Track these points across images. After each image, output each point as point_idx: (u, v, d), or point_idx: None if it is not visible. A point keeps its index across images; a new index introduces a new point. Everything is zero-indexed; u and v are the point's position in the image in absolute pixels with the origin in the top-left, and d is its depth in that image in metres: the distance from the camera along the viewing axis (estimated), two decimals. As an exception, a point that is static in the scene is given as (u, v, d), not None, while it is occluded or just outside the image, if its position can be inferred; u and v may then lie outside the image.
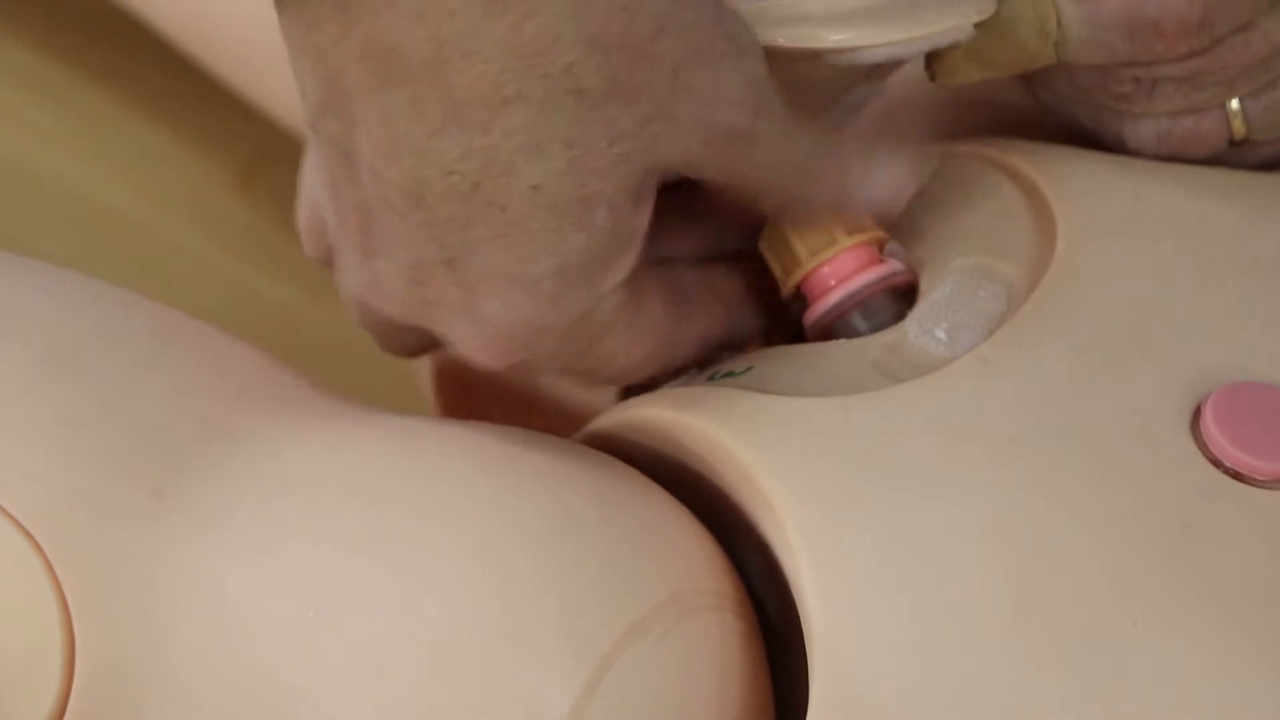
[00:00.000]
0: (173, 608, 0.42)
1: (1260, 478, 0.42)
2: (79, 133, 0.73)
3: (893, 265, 0.47)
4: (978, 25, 0.46)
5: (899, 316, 0.46)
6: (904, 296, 0.47)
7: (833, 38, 0.45)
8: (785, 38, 0.44)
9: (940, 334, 0.46)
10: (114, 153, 0.72)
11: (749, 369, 0.46)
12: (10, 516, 0.42)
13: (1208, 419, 0.42)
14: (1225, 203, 0.48)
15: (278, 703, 0.41)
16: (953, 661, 0.40)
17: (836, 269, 0.47)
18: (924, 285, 0.47)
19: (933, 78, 0.48)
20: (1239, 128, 0.48)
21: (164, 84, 0.73)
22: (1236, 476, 0.42)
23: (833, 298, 0.47)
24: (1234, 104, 0.48)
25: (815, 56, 0.45)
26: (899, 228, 0.49)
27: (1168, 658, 0.40)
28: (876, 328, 0.46)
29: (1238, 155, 0.50)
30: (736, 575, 0.44)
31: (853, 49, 0.45)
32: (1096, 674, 0.39)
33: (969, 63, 0.47)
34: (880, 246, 0.47)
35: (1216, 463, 0.42)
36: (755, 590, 0.44)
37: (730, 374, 0.46)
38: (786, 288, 0.48)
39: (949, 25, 0.46)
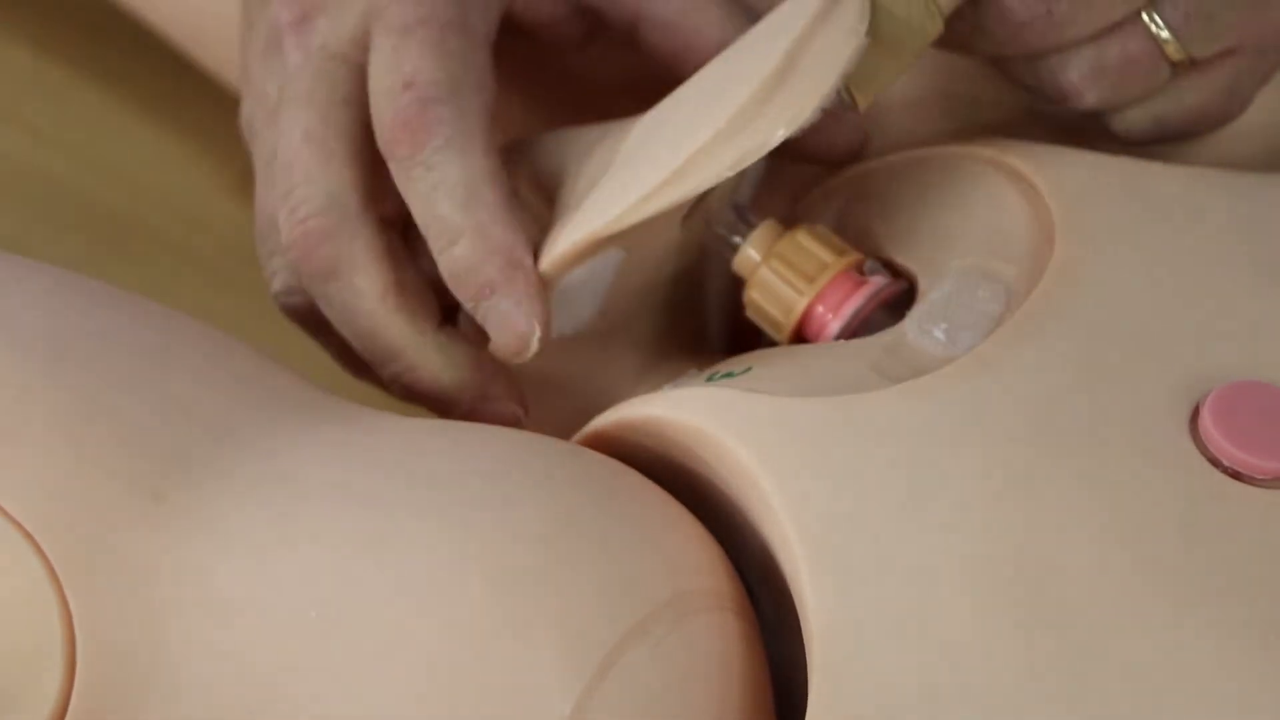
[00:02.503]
0: (173, 608, 0.42)
1: (1259, 477, 0.42)
2: (79, 133, 0.73)
3: (876, 282, 0.48)
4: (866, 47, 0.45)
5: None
6: (898, 307, 0.47)
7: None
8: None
9: (939, 334, 0.46)
10: (114, 153, 0.72)
11: (748, 369, 0.46)
12: (10, 517, 0.42)
13: (1206, 418, 0.42)
14: (1224, 202, 0.48)
15: (278, 702, 0.41)
16: (951, 661, 0.40)
17: (827, 301, 0.48)
18: (922, 285, 0.48)
19: (855, 105, 0.47)
20: (1170, 46, 0.47)
21: (164, 84, 0.73)
22: (1235, 476, 0.42)
23: (831, 329, 0.47)
24: (1151, 18, 0.46)
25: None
26: (898, 228, 0.49)
27: (1167, 657, 0.40)
28: None
29: (1215, 107, 0.49)
30: (736, 576, 0.44)
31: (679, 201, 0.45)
32: (1095, 673, 0.40)
33: (875, 76, 0.46)
34: (859, 267, 0.48)
35: (1215, 462, 0.42)
36: (754, 590, 0.44)
37: (729, 374, 0.46)
38: (786, 337, 0.49)
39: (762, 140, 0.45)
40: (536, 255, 0.47)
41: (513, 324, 0.47)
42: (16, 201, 0.71)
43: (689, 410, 0.44)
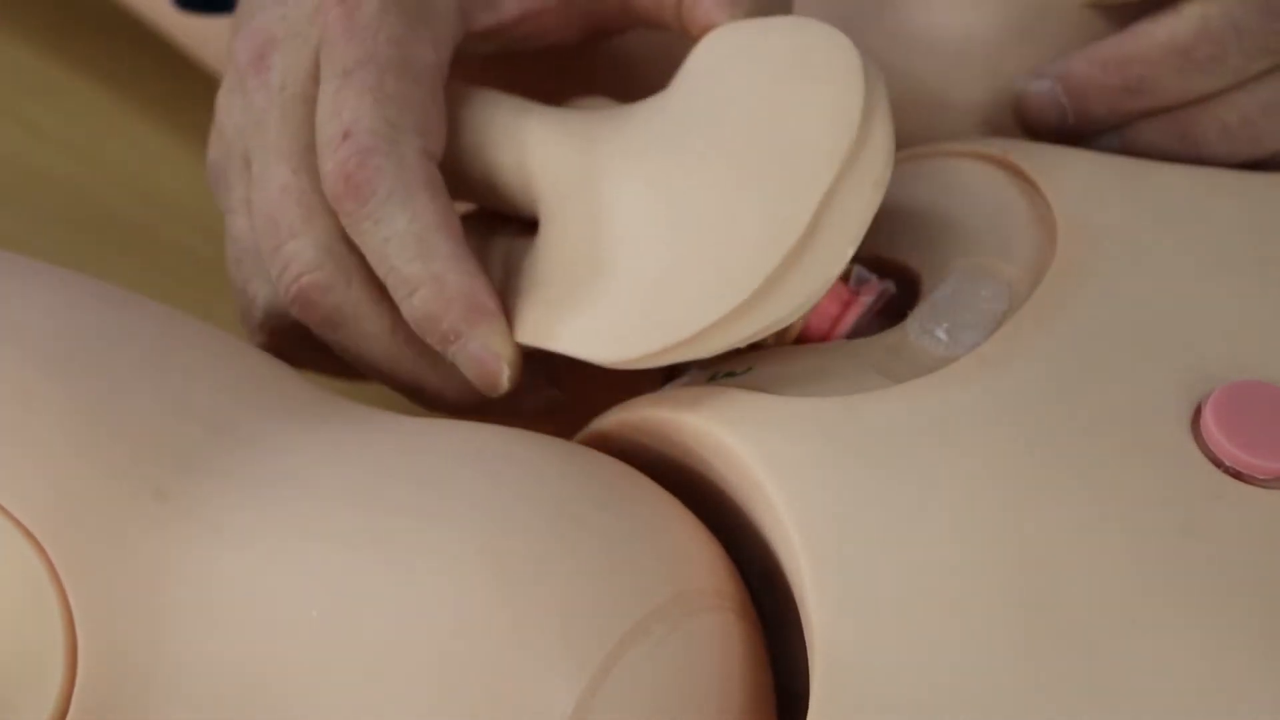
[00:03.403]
0: (175, 608, 0.42)
1: (1261, 477, 0.42)
2: (80, 133, 0.73)
3: (864, 301, 0.47)
4: None
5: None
6: (893, 306, 0.47)
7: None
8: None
9: (941, 334, 0.46)
10: (115, 153, 0.72)
11: (750, 369, 0.46)
12: (12, 517, 0.42)
13: (1208, 418, 0.42)
14: (1225, 202, 0.48)
15: (280, 702, 0.41)
16: (953, 661, 0.40)
17: (817, 321, 0.47)
18: (925, 285, 0.48)
19: None
20: None
21: (164, 84, 0.73)
22: (1237, 476, 0.42)
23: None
24: None
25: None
26: (901, 227, 0.49)
27: (1168, 657, 0.40)
28: None
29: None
30: (738, 575, 0.44)
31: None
32: (1096, 673, 0.40)
33: None
34: (846, 279, 0.48)
35: (1217, 462, 0.42)
36: (757, 591, 0.44)
37: (731, 374, 0.46)
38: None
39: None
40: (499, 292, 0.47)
41: (481, 364, 0.47)
42: (16, 201, 0.70)
43: (691, 409, 0.44)
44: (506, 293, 0.48)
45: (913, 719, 0.39)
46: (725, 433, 0.43)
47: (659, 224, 0.46)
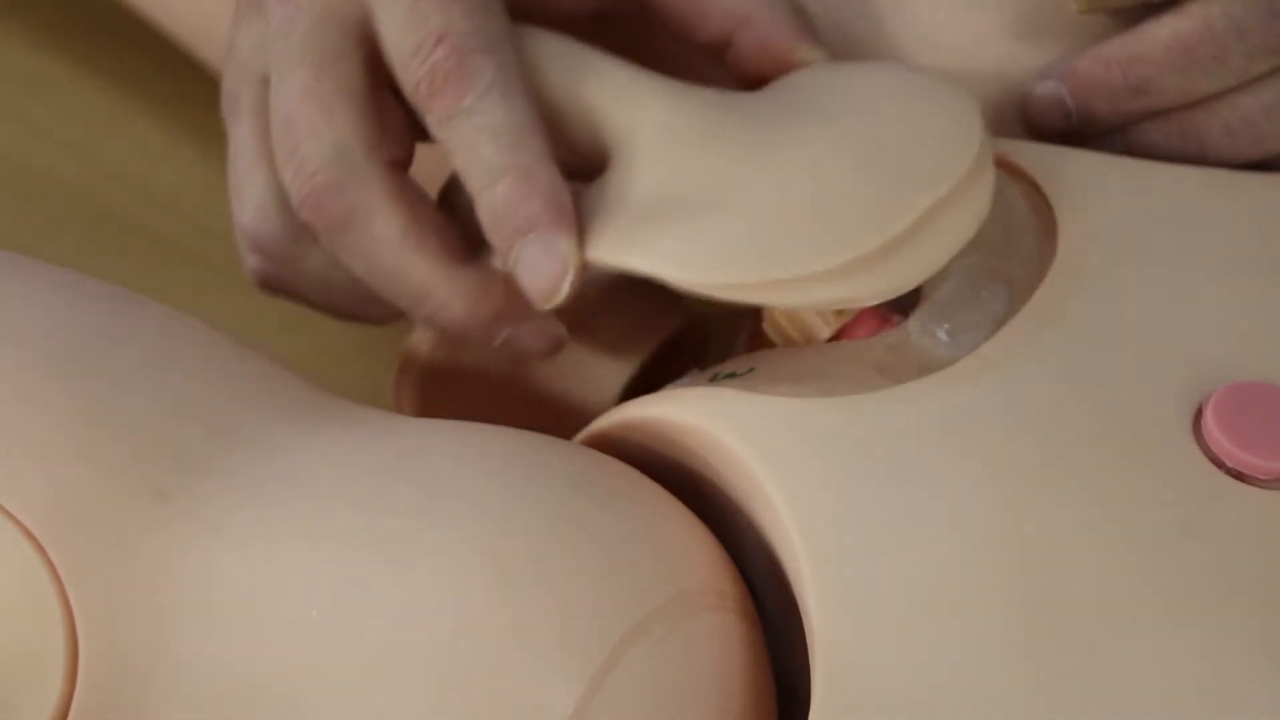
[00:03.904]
0: (176, 608, 0.42)
1: (1262, 478, 0.42)
2: (80, 131, 0.73)
3: (898, 318, 0.47)
4: None
5: None
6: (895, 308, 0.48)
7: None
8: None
9: (942, 335, 0.46)
10: (115, 152, 0.72)
11: (751, 370, 0.46)
12: (12, 517, 0.42)
13: (1209, 419, 0.42)
14: (1227, 202, 0.48)
15: (281, 702, 0.41)
16: (954, 661, 0.40)
17: (856, 329, 0.48)
18: (926, 285, 0.48)
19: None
20: None
21: (164, 84, 0.73)
22: (1238, 477, 0.42)
23: None
24: None
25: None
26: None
27: (1169, 659, 0.40)
28: None
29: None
30: (739, 576, 0.44)
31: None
32: (1097, 674, 0.40)
33: None
34: None
35: (1218, 463, 0.42)
36: (759, 593, 0.44)
37: (732, 374, 0.46)
38: None
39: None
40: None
41: (546, 267, 0.46)
42: (16, 201, 0.70)
43: (692, 410, 0.44)
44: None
45: (914, 719, 0.39)
46: (725, 433, 0.43)
47: (764, 176, 0.46)
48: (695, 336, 0.56)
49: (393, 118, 0.49)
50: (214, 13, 0.64)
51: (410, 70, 0.47)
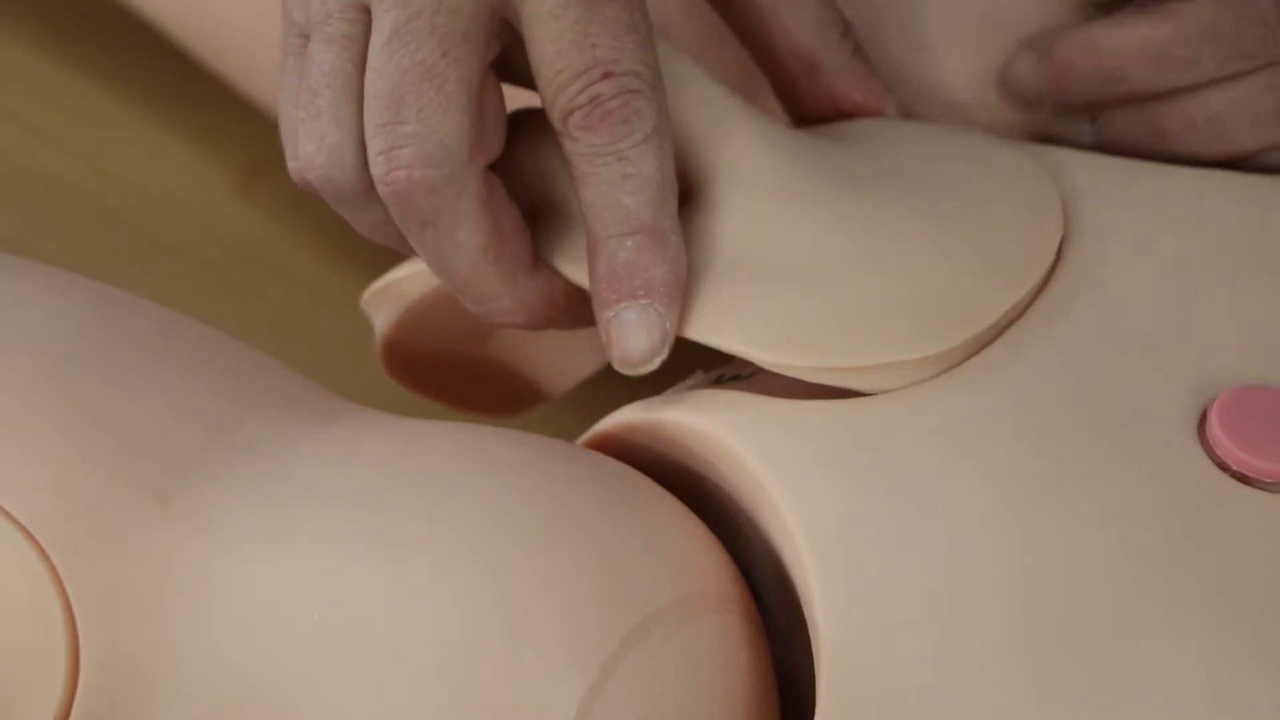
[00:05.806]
0: (176, 609, 0.42)
1: (1266, 480, 0.42)
2: (79, 132, 0.73)
3: None
4: None
5: None
6: None
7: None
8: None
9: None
10: (115, 152, 0.72)
11: (755, 372, 0.46)
12: (13, 519, 0.42)
13: (1214, 422, 0.42)
14: (1231, 205, 0.48)
15: (282, 703, 0.41)
16: (959, 664, 0.40)
17: None
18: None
19: None
20: None
21: (164, 84, 0.73)
22: (1243, 480, 0.42)
23: None
24: None
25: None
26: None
27: (1173, 661, 0.40)
28: None
29: None
30: (742, 579, 0.44)
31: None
32: (1102, 677, 0.39)
33: None
34: None
35: (1223, 466, 0.42)
36: (761, 593, 0.44)
37: (736, 377, 0.46)
38: None
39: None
40: None
41: (646, 336, 0.45)
42: (16, 201, 0.71)
43: (696, 413, 0.44)
44: None
45: (917, 721, 0.39)
46: (729, 436, 0.43)
47: (855, 253, 0.45)
48: None
49: (492, 111, 0.46)
50: (214, 13, 0.64)
51: (566, 93, 0.45)
